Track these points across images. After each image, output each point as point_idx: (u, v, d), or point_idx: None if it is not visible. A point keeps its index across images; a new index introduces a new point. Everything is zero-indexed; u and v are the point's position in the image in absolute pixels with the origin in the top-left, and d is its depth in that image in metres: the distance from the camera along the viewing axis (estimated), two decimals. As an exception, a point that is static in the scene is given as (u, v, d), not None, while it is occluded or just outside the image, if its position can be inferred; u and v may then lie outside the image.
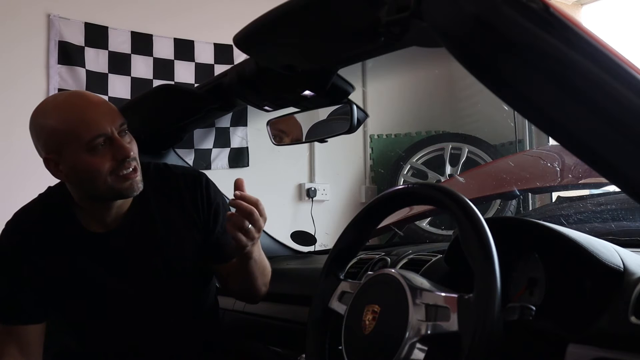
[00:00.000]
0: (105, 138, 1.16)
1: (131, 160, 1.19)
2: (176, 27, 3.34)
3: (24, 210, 1.31)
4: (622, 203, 1.50)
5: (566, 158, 1.80)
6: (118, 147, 1.17)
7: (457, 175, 3.38)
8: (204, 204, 1.34)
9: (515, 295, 0.94)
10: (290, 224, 3.52)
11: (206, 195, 1.35)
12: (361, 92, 3.79)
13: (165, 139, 1.63)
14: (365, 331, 0.86)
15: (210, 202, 1.35)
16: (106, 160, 1.16)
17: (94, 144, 1.15)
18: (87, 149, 1.15)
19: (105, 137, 1.16)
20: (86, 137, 1.14)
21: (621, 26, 3.34)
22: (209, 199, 1.35)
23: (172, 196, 1.33)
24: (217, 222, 1.35)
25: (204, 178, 1.38)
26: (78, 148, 1.15)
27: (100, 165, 1.16)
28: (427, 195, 0.93)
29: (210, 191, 1.36)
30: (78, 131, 1.14)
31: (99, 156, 1.16)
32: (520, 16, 0.53)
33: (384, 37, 0.79)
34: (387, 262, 1.26)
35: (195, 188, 1.34)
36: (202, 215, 1.34)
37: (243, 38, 0.90)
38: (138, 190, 1.22)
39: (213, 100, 1.33)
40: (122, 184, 1.19)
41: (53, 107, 1.18)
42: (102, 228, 1.28)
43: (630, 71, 0.55)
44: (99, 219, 1.27)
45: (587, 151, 0.58)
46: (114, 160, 1.17)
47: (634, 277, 0.78)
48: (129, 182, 1.20)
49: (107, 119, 1.16)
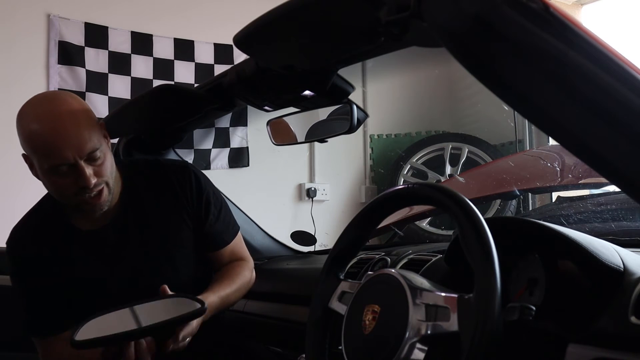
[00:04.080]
0: (69, 165, 1.16)
1: (94, 187, 1.19)
2: (176, 27, 3.34)
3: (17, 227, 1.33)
4: (622, 203, 1.50)
5: (566, 158, 1.80)
6: (80, 176, 1.17)
7: (457, 175, 3.38)
8: (194, 194, 1.36)
9: (515, 295, 0.94)
10: (290, 224, 3.52)
11: (196, 185, 1.37)
12: (361, 92, 3.79)
13: (165, 139, 1.63)
14: (365, 331, 0.86)
15: (200, 191, 1.37)
16: (69, 183, 1.18)
17: (56, 169, 1.16)
18: (48, 170, 1.17)
19: (67, 165, 1.16)
20: (50, 161, 1.16)
21: (621, 26, 3.34)
22: (199, 189, 1.37)
23: (164, 189, 1.35)
24: (208, 211, 1.38)
25: (192, 169, 1.40)
26: (42, 167, 1.18)
27: (63, 186, 1.19)
28: (427, 195, 0.93)
29: (200, 181, 1.38)
30: (45, 152, 1.16)
31: (63, 178, 1.18)
32: (520, 16, 0.53)
33: (384, 37, 0.79)
34: (387, 262, 1.26)
35: (185, 179, 1.36)
36: (194, 205, 1.36)
37: (243, 38, 0.90)
38: (103, 210, 1.25)
39: (213, 100, 1.33)
40: (86, 205, 1.23)
41: (32, 113, 1.18)
42: (94, 225, 1.30)
43: (630, 71, 0.55)
44: (87, 217, 1.29)
45: (587, 151, 0.58)
46: (76, 185, 1.18)
47: (634, 277, 0.78)
48: (91, 205, 1.22)
49: (73, 148, 1.15)
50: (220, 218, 1.41)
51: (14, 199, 1.38)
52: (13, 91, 2.76)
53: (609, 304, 0.77)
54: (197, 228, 1.37)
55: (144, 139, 1.60)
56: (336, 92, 1.11)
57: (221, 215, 1.41)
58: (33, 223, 1.33)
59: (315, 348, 1.00)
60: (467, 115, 4.05)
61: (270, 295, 1.59)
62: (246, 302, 1.64)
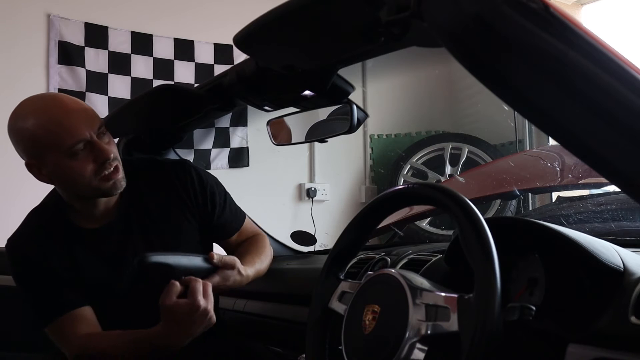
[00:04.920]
0: (85, 142, 1.18)
1: (112, 161, 1.22)
2: (176, 27, 3.34)
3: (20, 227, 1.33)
4: (622, 203, 1.50)
5: (566, 158, 1.80)
6: (98, 150, 1.19)
7: (457, 175, 3.38)
8: (197, 189, 1.37)
9: (515, 295, 0.94)
10: (290, 224, 3.52)
11: (197, 180, 1.38)
12: (361, 92, 3.79)
13: (165, 139, 1.63)
14: (365, 331, 0.86)
15: (203, 185, 1.38)
16: (88, 164, 1.19)
17: (74, 150, 1.17)
18: (68, 154, 1.17)
19: (84, 142, 1.18)
20: (66, 143, 1.16)
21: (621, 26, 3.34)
22: (202, 183, 1.38)
23: (165, 186, 1.36)
24: (214, 203, 1.39)
25: (191, 164, 1.41)
26: (59, 154, 1.17)
27: (82, 169, 1.19)
28: (427, 195, 0.93)
29: (201, 176, 1.39)
30: (58, 138, 1.16)
31: (81, 160, 1.18)
32: (520, 16, 0.53)
33: (384, 37, 0.79)
34: (387, 262, 1.26)
35: (186, 175, 1.37)
36: (198, 200, 1.37)
37: (243, 38, 0.90)
38: (121, 188, 1.26)
39: (213, 100, 1.33)
40: (106, 184, 1.23)
41: (31, 111, 1.19)
42: (95, 224, 1.30)
43: (630, 71, 0.55)
44: (89, 215, 1.29)
45: (587, 151, 0.58)
46: (95, 163, 1.20)
47: (634, 277, 0.78)
48: (112, 181, 1.23)
49: (85, 124, 1.18)
50: (227, 207, 1.42)
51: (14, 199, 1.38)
52: (13, 91, 2.74)
53: (609, 304, 0.77)
54: (206, 221, 1.38)
55: (144, 139, 1.60)
56: (336, 92, 1.11)
57: (227, 204, 1.43)
58: (35, 222, 1.32)
59: (315, 348, 1.00)
60: (467, 115, 4.05)
61: (270, 295, 1.59)
62: (246, 302, 1.64)
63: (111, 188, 1.24)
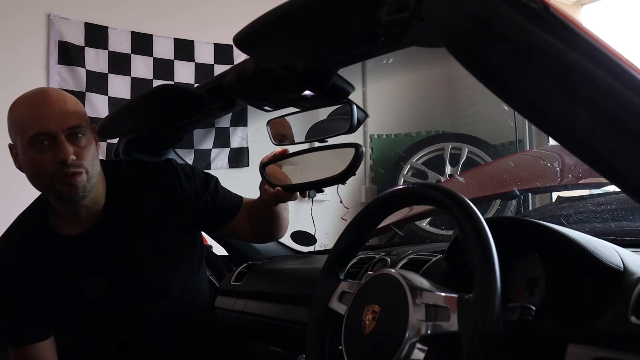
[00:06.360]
0: (50, 137, 1.15)
1: (74, 165, 1.16)
2: (176, 27, 3.34)
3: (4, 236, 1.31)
4: (622, 203, 1.50)
5: (566, 158, 1.80)
6: (59, 148, 1.14)
7: (457, 175, 3.38)
8: (183, 180, 1.35)
9: (515, 295, 0.94)
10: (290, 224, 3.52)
11: (183, 173, 1.36)
12: (361, 92, 3.79)
13: (165, 139, 1.63)
14: (365, 331, 0.86)
15: (189, 178, 1.36)
16: (48, 159, 1.15)
17: (34, 141, 1.15)
18: (29, 144, 1.15)
19: (48, 136, 1.14)
20: (29, 132, 1.15)
21: (621, 26, 3.34)
22: (187, 175, 1.36)
23: (150, 188, 1.33)
24: (206, 189, 1.38)
25: (175, 163, 1.39)
26: (24, 142, 1.16)
27: (40, 163, 1.16)
28: (427, 195, 0.93)
29: (186, 169, 1.38)
30: (25, 124, 1.16)
31: (40, 154, 1.15)
32: (520, 16, 0.53)
33: (384, 37, 0.79)
34: (387, 262, 1.26)
35: (172, 175, 1.35)
36: (187, 194, 1.34)
37: (243, 38, 0.90)
38: (79, 196, 1.19)
39: (213, 100, 1.33)
40: (62, 186, 1.17)
41: (19, 101, 1.20)
42: (79, 228, 1.27)
43: (630, 71, 0.55)
44: (72, 219, 1.26)
45: (587, 151, 0.58)
46: (55, 162, 1.15)
47: (634, 277, 0.78)
48: (69, 185, 1.16)
49: (55, 119, 1.15)
50: (219, 191, 1.41)
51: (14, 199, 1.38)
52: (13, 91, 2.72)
53: (609, 304, 0.77)
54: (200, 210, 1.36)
55: (144, 139, 1.60)
56: (336, 92, 1.11)
57: (218, 189, 1.41)
58: (17, 232, 1.30)
59: (315, 348, 1.00)
60: (467, 115, 4.05)
61: (270, 295, 1.58)
62: (246, 302, 1.64)
63: (68, 192, 1.17)
